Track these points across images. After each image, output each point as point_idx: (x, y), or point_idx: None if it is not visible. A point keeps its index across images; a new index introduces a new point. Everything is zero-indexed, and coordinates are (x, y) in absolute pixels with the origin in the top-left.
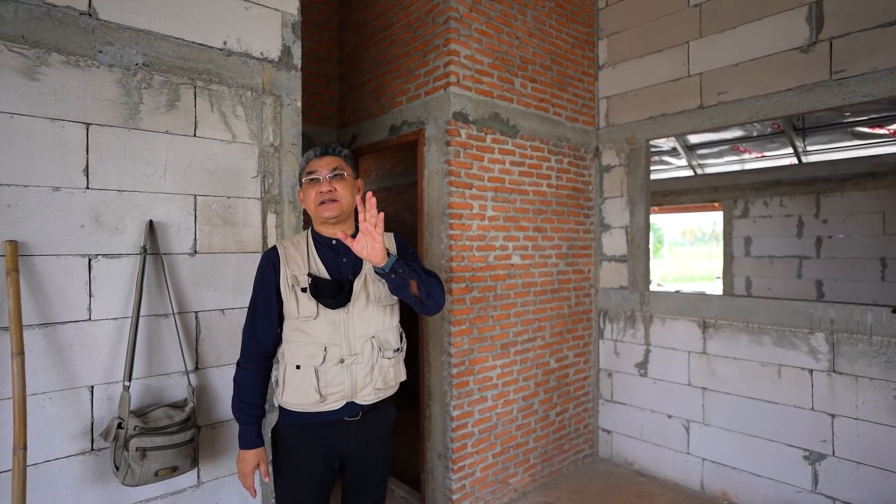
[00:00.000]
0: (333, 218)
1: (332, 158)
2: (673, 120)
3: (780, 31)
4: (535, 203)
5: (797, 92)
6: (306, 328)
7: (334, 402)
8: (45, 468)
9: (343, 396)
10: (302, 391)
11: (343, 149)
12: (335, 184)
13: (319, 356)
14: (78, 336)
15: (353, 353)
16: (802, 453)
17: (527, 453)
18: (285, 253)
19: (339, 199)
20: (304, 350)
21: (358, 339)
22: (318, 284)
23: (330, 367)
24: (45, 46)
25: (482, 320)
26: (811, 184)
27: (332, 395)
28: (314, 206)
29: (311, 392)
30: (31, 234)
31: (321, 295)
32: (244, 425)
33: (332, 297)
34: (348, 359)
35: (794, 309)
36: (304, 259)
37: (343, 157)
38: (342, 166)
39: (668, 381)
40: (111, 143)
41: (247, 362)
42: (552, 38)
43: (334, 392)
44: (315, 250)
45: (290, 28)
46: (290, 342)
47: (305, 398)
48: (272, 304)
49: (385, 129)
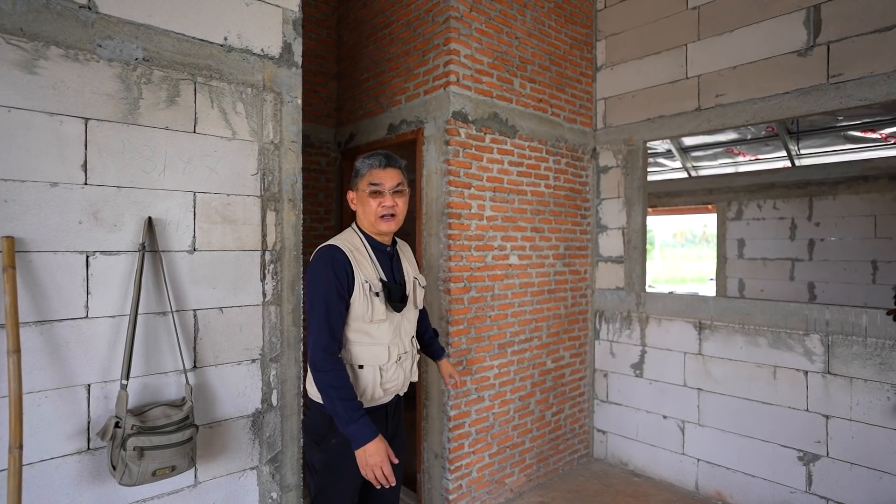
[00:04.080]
0: (391, 232)
1: (396, 172)
2: (671, 122)
3: (778, 34)
4: (533, 203)
5: (794, 95)
6: (371, 330)
7: (389, 395)
8: (41, 468)
9: (396, 389)
10: (368, 389)
11: (403, 160)
12: (397, 199)
13: (384, 355)
14: (75, 334)
15: (405, 351)
16: (797, 454)
17: (523, 453)
18: (354, 257)
19: (398, 215)
20: (368, 350)
21: (406, 338)
22: (392, 289)
23: (391, 365)
24: (44, 40)
25: (480, 320)
26: (804, 187)
27: (389, 390)
28: (374, 217)
29: (377, 388)
30: (28, 230)
31: (393, 299)
32: (359, 420)
33: (401, 301)
34: (403, 357)
35: (790, 311)
36: (370, 265)
37: (402, 170)
38: (404, 182)
39: (663, 381)
40: (110, 139)
41: (330, 364)
42: (551, 38)
43: (391, 387)
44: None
45: (292, 25)
46: (354, 343)
47: (371, 395)
48: (345, 307)
49: (384, 127)
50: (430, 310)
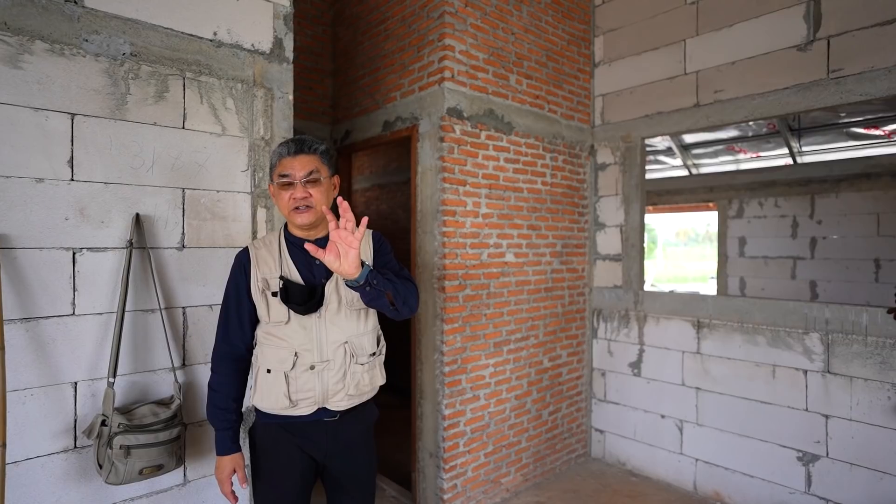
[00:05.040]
0: (307, 225)
1: (307, 158)
2: (669, 118)
3: (777, 29)
4: (530, 201)
5: (794, 91)
6: (278, 332)
7: (305, 407)
8: (26, 466)
9: (314, 402)
10: (272, 395)
11: (320, 144)
12: (310, 188)
13: (290, 361)
14: (61, 331)
15: (324, 360)
16: (796, 454)
17: (519, 453)
18: (256, 254)
19: (314, 206)
20: (275, 354)
21: (330, 345)
22: (289, 289)
23: (300, 373)
24: (29, 34)
25: (475, 318)
26: (806, 184)
27: (303, 401)
28: (287, 210)
29: (281, 397)
30: (12, 227)
31: (291, 300)
32: (219, 431)
33: (302, 302)
34: (319, 365)
35: (789, 309)
36: (275, 261)
37: (320, 155)
38: (318, 168)
39: (661, 380)
40: (97, 134)
41: (219, 366)
42: (548, 34)
43: (305, 398)
44: (287, 251)
45: (283, 20)
46: (263, 345)
47: (276, 403)
48: (244, 308)
49: (379, 124)
50: (425, 308)
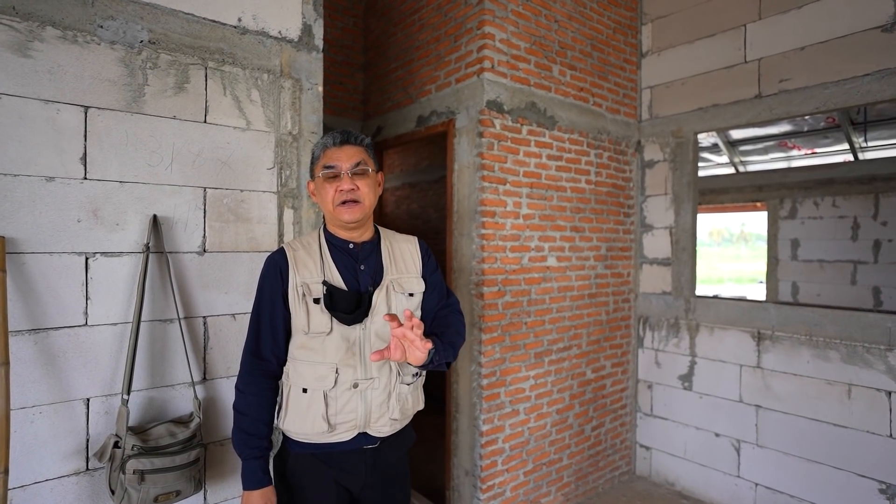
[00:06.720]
0: (355, 222)
1: (353, 149)
2: (725, 111)
3: (856, 8)
4: (573, 201)
5: (877, 77)
6: (316, 345)
7: (344, 432)
8: (34, 490)
9: (355, 426)
10: (308, 418)
11: (365, 137)
12: (358, 181)
13: (330, 378)
14: (73, 343)
15: (368, 377)
16: (877, 486)
17: (560, 471)
18: (294, 256)
19: (362, 200)
20: (312, 371)
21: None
22: (334, 295)
23: (342, 392)
24: (39, 19)
25: (515, 327)
26: (869, 182)
27: (342, 425)
28: (332, 205)
29: (319, 420)
30: (20, 230)
31: (337, 308)
32: (248, 460)
33: (349, 311)
34: (363, 383)
35: (869, 322)
36: (316, 264)
37: (366, 147)
38: (366, 160)
39: (715, 395)
40: (112, 129)
41: (248, 385)
42: (593, 21)
43: (345, 421)
44: (329, 254)
45: (312, 5)
46: (297, 361)
47: (311, 427)
48: (278, 317)
49: (412, 119)
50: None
